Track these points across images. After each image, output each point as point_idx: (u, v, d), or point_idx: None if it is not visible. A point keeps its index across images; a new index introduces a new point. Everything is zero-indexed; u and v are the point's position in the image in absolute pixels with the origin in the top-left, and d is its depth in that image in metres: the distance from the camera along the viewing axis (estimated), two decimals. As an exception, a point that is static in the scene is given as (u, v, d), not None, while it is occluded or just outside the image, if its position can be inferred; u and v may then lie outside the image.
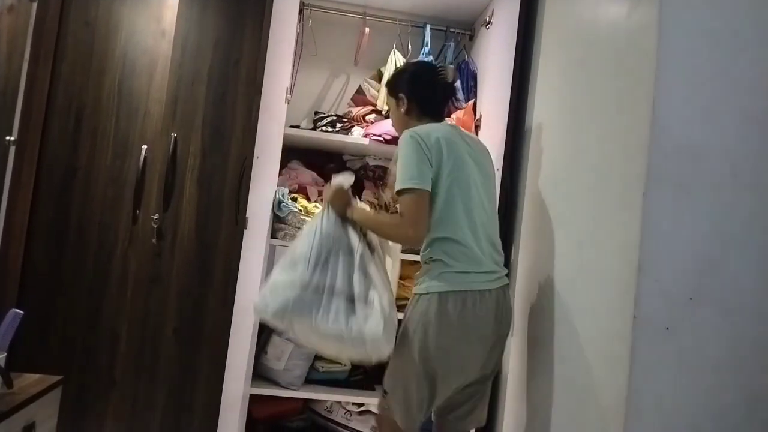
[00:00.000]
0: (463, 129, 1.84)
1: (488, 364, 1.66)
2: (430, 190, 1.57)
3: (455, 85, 1.81)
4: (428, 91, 1.77)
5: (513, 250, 1.99)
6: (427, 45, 2.61)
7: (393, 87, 1.83)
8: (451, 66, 1.81)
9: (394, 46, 2.62)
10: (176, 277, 2.20)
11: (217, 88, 2.25)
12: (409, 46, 2.66)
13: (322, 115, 2.51)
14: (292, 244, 1.74)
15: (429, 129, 1.64)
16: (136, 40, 2.21)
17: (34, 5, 2.03)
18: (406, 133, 1.62)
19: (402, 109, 1.78)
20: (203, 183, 2.23)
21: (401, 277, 2.35)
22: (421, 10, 2.67)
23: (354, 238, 1.68)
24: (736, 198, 1.26)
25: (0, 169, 1.97)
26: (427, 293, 1.58)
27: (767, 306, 1.25)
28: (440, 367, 1.58)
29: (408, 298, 1.71)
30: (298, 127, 2.54)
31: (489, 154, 1.80)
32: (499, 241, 1.72)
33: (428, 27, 2.63)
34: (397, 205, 1.73)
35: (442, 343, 1.56)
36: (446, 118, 1.90)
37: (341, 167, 2.67)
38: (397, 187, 1.57)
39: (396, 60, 2.57)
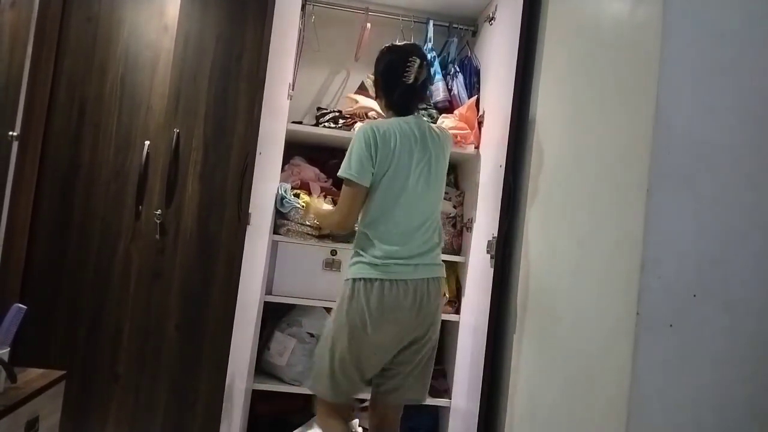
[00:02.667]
0: (425, 121, 1.89)
1: (404, 350, 1.74)
2: (366, 185, 1.71)
3: (416, 85, 1.78)
4: (392, 87, 1.81)
5: (515, 246, 1.99)
6: (430, 41, 2.60)
7: (375, 65, 1.88)
8: (426, 61, 1.72)
9: (397, 41, 2.61)
10: (179, 272, 2.21)
11: (220, 83, 2.25)
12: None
13: (325, 111, 2.50)
14: None
15: (385, 125, 1.75)
16: (139, 35, 2.21)
17: (37, 1, 2.03)
18: (363, 125, 1.75)
19: (376, 89, 1.89)
20: (206, 178, 2.23)
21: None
22: (423, 6, 2.65)
23: None
24: (739, 195, 1.25)
25: (3, 164, 1.97)
26: (346, 279, 1.75)
27: (770, 303, 1.24)
28: (347, 346, 1.70)
29: None
30: (300, 122, 2.53)
31: (449, 144, 1.89)
32: (436, 238, 1.80)
33: (431, 23, 2.63)
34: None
35: (351, 321, 1.69)
36: (418, 111, 1.96)
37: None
38: (339, 173, 1.73)
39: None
